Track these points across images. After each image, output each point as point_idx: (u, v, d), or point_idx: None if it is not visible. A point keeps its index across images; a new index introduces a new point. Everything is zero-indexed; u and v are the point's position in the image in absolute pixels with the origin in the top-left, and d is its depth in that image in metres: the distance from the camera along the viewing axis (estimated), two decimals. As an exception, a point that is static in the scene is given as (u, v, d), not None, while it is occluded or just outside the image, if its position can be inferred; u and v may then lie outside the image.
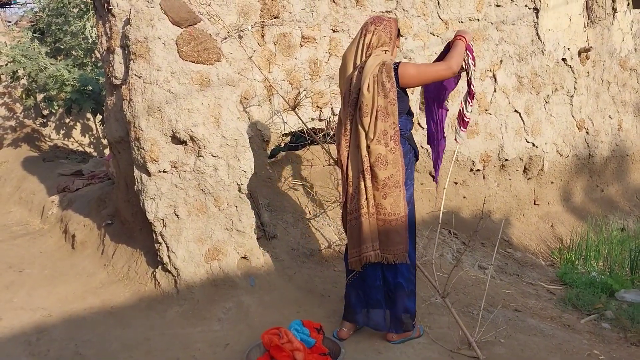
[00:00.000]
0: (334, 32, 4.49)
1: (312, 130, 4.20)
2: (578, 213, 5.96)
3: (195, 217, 3.41)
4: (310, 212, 4.24)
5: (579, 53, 5.89)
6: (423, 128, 4.71)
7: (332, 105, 4.50)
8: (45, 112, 8.42)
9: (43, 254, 4.49)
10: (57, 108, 7.88)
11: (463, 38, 2.90)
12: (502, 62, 5.33)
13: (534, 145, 5.62)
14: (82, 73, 7.49)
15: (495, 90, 5.35)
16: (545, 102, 5.71)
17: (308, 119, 4.40)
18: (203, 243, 3.43)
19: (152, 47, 3.27)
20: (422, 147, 4.76)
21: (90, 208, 4.75)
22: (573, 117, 5.98)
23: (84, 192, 5.29)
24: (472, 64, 2.98)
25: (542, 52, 5.58)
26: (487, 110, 5.31)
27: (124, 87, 3.44)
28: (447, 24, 4.98)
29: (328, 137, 4.26)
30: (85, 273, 3.93)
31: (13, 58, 6.96)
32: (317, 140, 4.12)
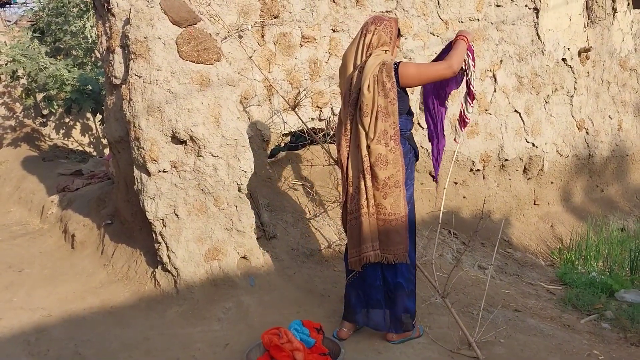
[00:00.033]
0: (334, 32, 4.49)
1: (312, 130, 4.19)
2: (578, 213, 5.96)
3: (195, 217, 3.41)
4: (310, 212, 4.24)
5: (579, 53, 5.89)
6: (423, 128, 4.71)
7: (332, 105, 4.50)
8: (45, 111, 8.41)
9: (43, 254, 4.49)
10: (56, 108, 7.88)
11: (465, 38, 2.89)
12: (502, 62, 5.33)
13: (534, 145, 5.61)
14: (82, 73, 7.47)
15: (495, 90, 5.35)
16: (545, 102, 5.71)
17: (308, 119, 4.39)
18: (203, 243, 3.43)
19: (152, 46, 3.27)
20: (422, 147, 4.76)
21: (90, 208, 4.75)
22: (573, 117, 5.98)
23: (84, 191, 5.29)
24: (472, 65, 2.98)
25: (542, 52, 5.58)
26: (487, 110, 5.30)
27: (124, 86, 3.44)
28: (447, 24, 4.98)
29: (328, 137, 4.26)
30: (85, 273, 3.93)
31: (13, 57, 6.95)
32: (317, 140, 4.12)
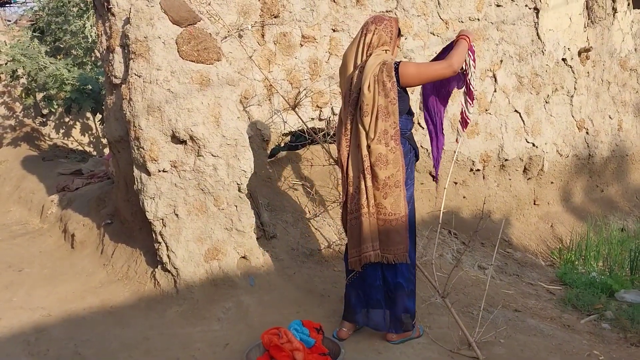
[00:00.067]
0: (334, 31, 4.48)
1: (312, 130, 4.19)
2: (578, 213, 5.96)
3: (195, 216, 3.41)
4: (310, 211, 4.23)
5: (579, 53, 5.89)
6: (423, 128, 4.71)
7: (332, 105, 4.50)
8: (45, 111, 8.41)
9: (42, 254, 4.49)
10: (56, 107, 7.88)
11: (467, 38, 2.88)
12: (502, 62, 5.33)
13: (534, 145, 5.61)
14: (81, 72, 7.48)
15: (495, 90, 5.34)
16: (545, 102, 5.71)
17: (308, 119, 4.39)
18: (203, 243, 3.43)
19: (152, 46, 3.27)
20: (422, 147, 4.75)
21: (90, 207, 4.75)
22: (573, 117, 5.98)
23: (84, 191, 5.28)
24: (472, 65, 2.97)
25: (542, 52, 5.58)
26: (487, 110, 5.30)
27: (124, 86, 3.43)
28: (447, 24, 4.97)
29: (328, 136, 4.25)
30: (85, 272, 3.92)
31: (13, 57, 6.95)
32: (317, 140, 4.12)
